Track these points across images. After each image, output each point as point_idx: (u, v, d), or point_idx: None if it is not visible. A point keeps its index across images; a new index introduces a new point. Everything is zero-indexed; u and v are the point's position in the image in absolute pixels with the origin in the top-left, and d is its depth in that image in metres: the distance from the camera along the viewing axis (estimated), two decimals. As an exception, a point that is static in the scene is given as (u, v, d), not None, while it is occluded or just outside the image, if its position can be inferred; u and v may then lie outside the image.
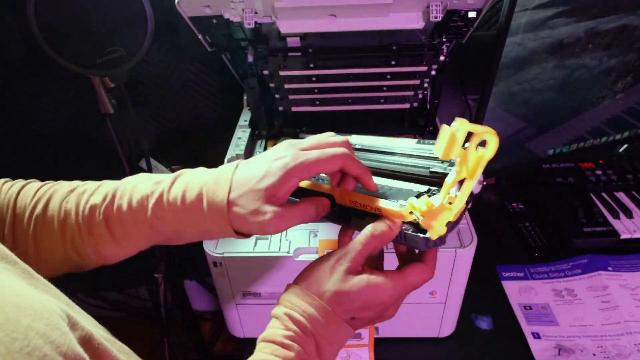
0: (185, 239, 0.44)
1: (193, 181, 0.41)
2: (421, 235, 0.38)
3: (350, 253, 0.39)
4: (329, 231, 0.67)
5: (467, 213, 0.66)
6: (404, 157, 0.49)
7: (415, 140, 0.50)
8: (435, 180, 0.44)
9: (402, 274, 0.40)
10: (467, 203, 0.38)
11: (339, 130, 0.47)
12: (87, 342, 0.28)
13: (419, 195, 0.40)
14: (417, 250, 0.43)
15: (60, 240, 0.43)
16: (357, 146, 0.54)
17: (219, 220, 0.40)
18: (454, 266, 0.64)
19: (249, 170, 0.40)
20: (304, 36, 0.69)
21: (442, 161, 0.44)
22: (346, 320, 0.39)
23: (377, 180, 0.46)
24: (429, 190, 0.42)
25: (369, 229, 0.40)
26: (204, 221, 0.41)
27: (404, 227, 0.39)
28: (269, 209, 0.38)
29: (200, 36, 0.67)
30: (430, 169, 0.44)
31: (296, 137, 0.69)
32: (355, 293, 0.38)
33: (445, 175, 0.41)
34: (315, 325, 0.37)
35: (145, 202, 0.41)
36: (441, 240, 0.38)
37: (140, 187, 0.43)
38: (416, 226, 0.39)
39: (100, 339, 0.29)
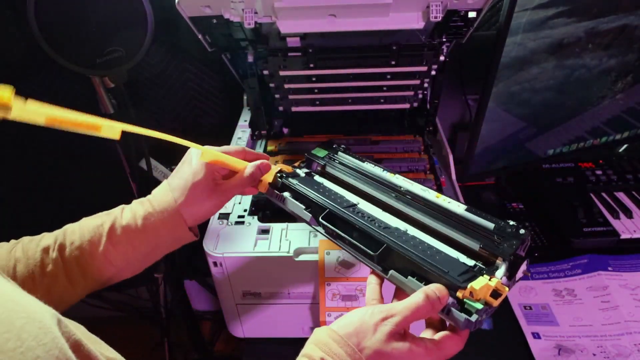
0: (137, 266, 0.51)
1: (135, 204, 0.50)
2: (465, 316, 0.39)
3: (398, 316, 0.39)
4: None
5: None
6: (454, 221, 0.49)
7: (465, 206, 0.50)
8: (483, 256, 0.45)
9: (439, 345, 0.40)
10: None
11: (339, 131, 0.47)
12: (77, 347, 0.28)
13: (467, 271, 0.42)
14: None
15: None
16: (402, 189, 0.54)
17: (172, 219, 0.48)
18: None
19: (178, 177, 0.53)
20: (304, 36, 0.69)
21: (494, 238, 0.45)
22: None
23: (425, 239, 0.47)
24: (475, 265, 0.43)
25: (420, 298, 0.39)
26: (159, 231, 0.48)
27: (450, 302, 0.40)
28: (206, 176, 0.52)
29: (200, 36, 0.67)
30: (481, 245, 0.45)
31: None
32: (395, 356, 0.38)
33: (495, 255, 0.43)
34: None
35: (99, 230, 0.47)
36: (480, 323, 0.39)
37: (89, 221, 0.48)
38: (462, 304, 0.40)
39: (89, 345, 0.30)
